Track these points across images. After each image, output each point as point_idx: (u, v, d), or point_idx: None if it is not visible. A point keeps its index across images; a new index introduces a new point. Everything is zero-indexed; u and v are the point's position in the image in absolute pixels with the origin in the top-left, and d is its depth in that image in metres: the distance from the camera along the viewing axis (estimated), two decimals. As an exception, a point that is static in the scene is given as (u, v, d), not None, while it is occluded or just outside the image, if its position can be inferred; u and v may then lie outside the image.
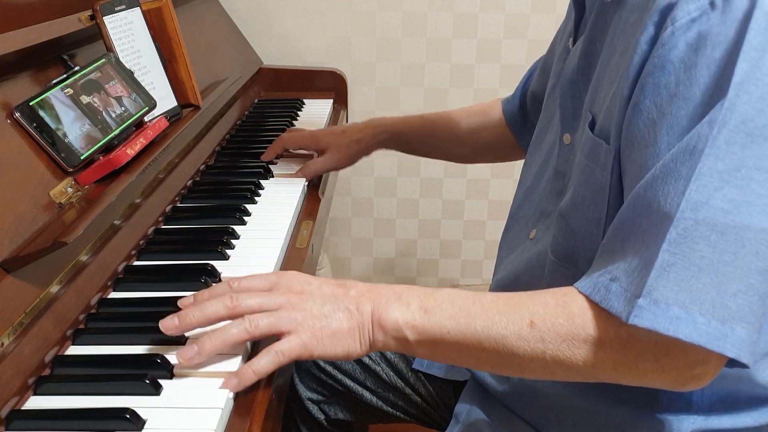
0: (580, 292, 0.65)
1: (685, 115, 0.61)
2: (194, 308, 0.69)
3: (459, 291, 0.70)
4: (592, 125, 0.73)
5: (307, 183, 1.16)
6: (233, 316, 0.69)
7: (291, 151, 1.27)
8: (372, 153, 1.24)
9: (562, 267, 0.77)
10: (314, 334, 0.68)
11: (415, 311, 0.69)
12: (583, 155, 0.74)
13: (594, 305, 0.64)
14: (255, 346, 0.73)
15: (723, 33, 0.60)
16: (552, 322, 0.64)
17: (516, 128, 1.17)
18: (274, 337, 0.69)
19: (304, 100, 1.65)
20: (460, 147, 1.23)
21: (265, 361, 0.67)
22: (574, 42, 0.83)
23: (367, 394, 1.06)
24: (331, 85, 1.74)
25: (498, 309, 0.67)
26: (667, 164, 0.61)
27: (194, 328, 0.70)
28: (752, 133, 0.59)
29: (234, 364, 0.69)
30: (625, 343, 0.63)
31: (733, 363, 0.60)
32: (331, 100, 1.68)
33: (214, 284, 0.73)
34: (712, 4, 0.60)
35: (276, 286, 0.72)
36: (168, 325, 0.69)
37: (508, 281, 0.89)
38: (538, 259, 0.84)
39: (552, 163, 0.87)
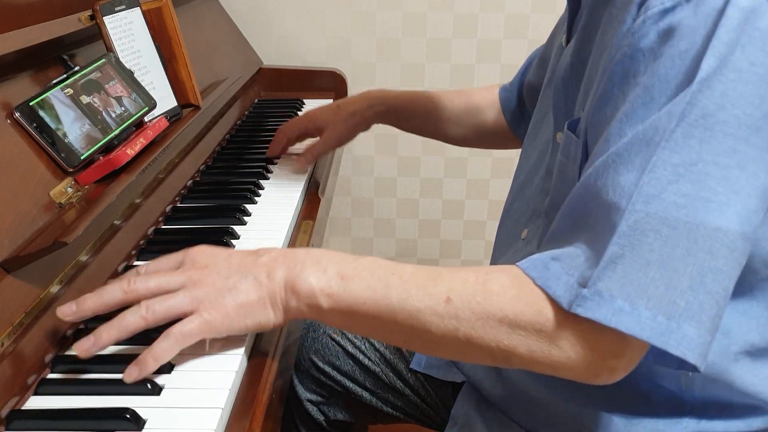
0: (504, 272, 0.63)
1: (641, 104, 0.60)
2: (93, 293, 0.66)
3: (381, 260, 0.67)
4: (574, 123, 0.72)
5: (306, 185, 1.15)
6: (131, 301, 0.66)
7: (294, 141, 1.26)
8: (371, 126, 1.22)
9: None
10: (218, 311, 0.65)
11: (332, 278, 0.65)
12: (562, 153, 0.74)
13: (515, 286, 0.62)
14: (258, 338, 0.74)
15: (693, 26, 0.59)
16: (469, 299, 0.62)
17: (511, 116, 1.18)
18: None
19: (304, 100, 1.65)
20: (456, 127, 1.22)
21: (165, 345, 0.64)
22: (568, 40, 0.83)
23: (366, 395, 1.06)
24: (331, 85, 1.74)
25: (416, 282, 0.64)
26: (621, 153, 0.59)
27: (92, 313, 0.67)
28: (712, 128, 0.57)
29: (235, 359, 0.68)
30: (540, 327, 0.60)
31: (682, 365, 0.58)
32: (331, 100, 1.68)
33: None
34: None
35: (181, 263, 0.69)
36: (65, 311, 0.66)
37: None
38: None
39: (545, 161, 0.87)
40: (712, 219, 0.57)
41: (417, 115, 1.21)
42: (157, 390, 0.65)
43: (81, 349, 0.65)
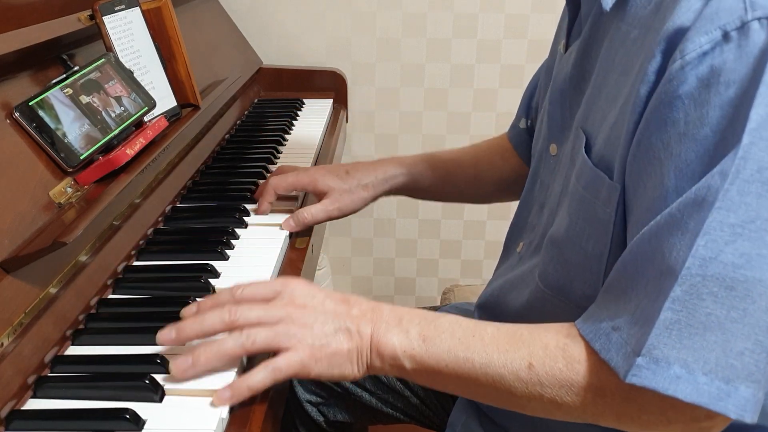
0: (581, 335, 0.63)
1: (695, 157, 0.57)
2: (193, 320, 0.68)
3: (461, 320, 0.68)
4: (588, 148, 0.69)
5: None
6: (231, 329, 0.67)
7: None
8: (379, 198, 1.08)
9: (554, 297, 0.75)
10: (313, 354, 0.66)
11: (414, 339, 0.66)
12: (581, 185, 0.70)
13: (594, 352, 0.61)
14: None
15: (737, 70, 0.55)
16: (551, 366, 0.62)
17: (525, 152, 1.07)
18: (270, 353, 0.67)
19: (304, 100, 1.65)
20: (482, 186, 1.10)
21: (261, 377, 0.65)
22: (566, 46, 0.80)
23: (366, 396, 1.05)
24: (331, 85, 1.74)
25: (497, 346, 0.64)
26: (674, 215, 0.57)
27: (191, 340, 0.68)
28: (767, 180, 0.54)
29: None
30: (627, 395, 0.60)
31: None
32: (331, 100, 1.68)
33: (217, 291, 0.70)
34: (725, 36, 0.55)
35: (279, 296, 0.70)
36: (165, 338, 0.67)
37: (492, 299, 0.88)
38: (520, 280, 0.82)
39: (540, 174, 0.86)
40: None
41: (436, 183, 1.08)
42: (157, 390, 0.65)
43: (178, 369, 0.66)
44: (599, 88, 0.70)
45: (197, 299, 0.73)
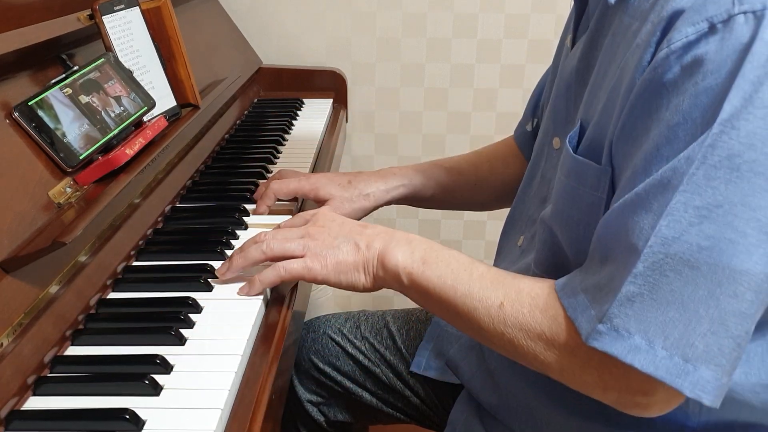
0: (555, 291, 0.67)
1: (665, 142, 0.59)
2: (238, 255, 0.81)
3: (462, 255, 0.74)
4: (577, 139, 0.71)
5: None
6: (269, 258, 0.79)
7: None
8: (379, 208, 1.08)
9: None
10: (319, 260, 0.77)
11: (416, 260, 0.74)
12: (563, 174, 0.71)
13: (558, 307, 0.65)
14: (257, 337, 0.75)
15: (718, 61, 0.56)
16: (517, 310, 0.67)
17: (530, 152, 1.05)
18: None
19: (304, 100, 1.65)
20: (483, 192, 1.11)
21: (270, 274, 0.78)
22: (574, 41, 0.81)
23: (366, 396, 1.05)
24: (331, 85, 1.74)
25: (481, 282, 0.70)
26: (639, 194, 0.59)
27: (241, 269, 0.82)
28: (739, 168, 0.55)
29: (235, 360, 0.69)
30: (572, 351, 0.64)
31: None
32: (331, 100, 1.68)
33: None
34: (711, 28, 0.56)
35: (308, 222, 0.82)
36: (222, 270, 0.82)
37: None
38: (523, 272, 0.82)
39: (540, 167, 0.86)
40: (739, 262, 0.56)
41: (438, 192, 1.09)
42: (156, 390, 0.65)
43: (219, 272, 0.82)
44: (601, 79, 0.70)
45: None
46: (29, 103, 0.80)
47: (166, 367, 0.68)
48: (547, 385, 0.78)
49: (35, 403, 0.64)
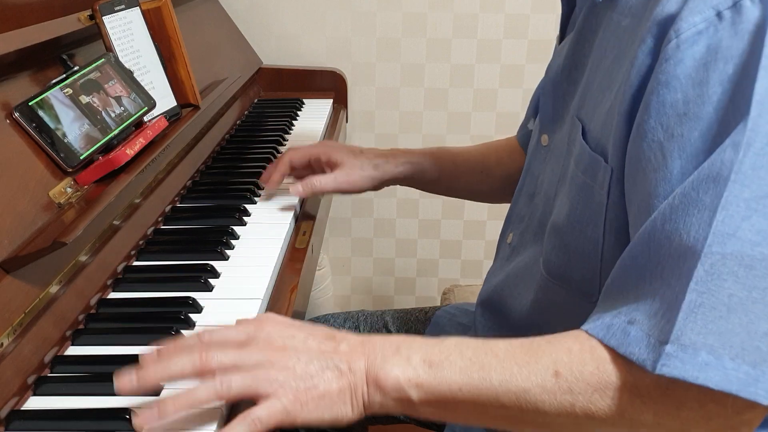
0: (591, 336, 0.59)
1: (698, 135, 0.56)
2: (157, 364, 0.60)
3: (466, 340, 0.62)
4: (584, 135, 0.69)
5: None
6: (202, 374, 0.59)
7: (298, 170, 1.08)
8: (383, 187, 1.08)
9: (558, 287, 0.75)
10: (297, 398, 0.59)
11: (419, 366, 0.60)
12: (580, 170, 0.70)
13: (609, 351, 0.57)
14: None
15: (735, 46, 0.55)
16: (580, 371, 0.57)
17: None
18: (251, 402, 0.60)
19: (304, 100, 1.65)
20: (489, 181, 1.10)
21: (240, 430, 0.58)
22: (561, 40, 0.81)
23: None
24: (331, 85, 1.74)
25: (516, 359, 0.59)
26: (688, 193, 0.55)
27: (154, 387, 0.62)
28: None
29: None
30: (664, 390, 0.56)
31: None
32: (331, 100, 1.68)
33: (182, 335, 0.63)
34: (719, 16, 0.55)
35: (254, 339, 0.62)
36: (123, 384, 0.59)
37: (493, 297, 0.88)
38: (518, 273, 0.82)
39: (531, 164, 0.86)
40: None
41: (444, 175, 1.08)
42: (157, 390, 0.65)
43: (144, 420, 0.58)
44: (593, 76, 0.70)
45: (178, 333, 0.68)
46: (30, 103, 0.80)
47: (166, 367, 0.68)
48: None
49: (35, 403, 0.65)
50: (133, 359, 0.69)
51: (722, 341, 0.53)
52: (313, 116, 1.56)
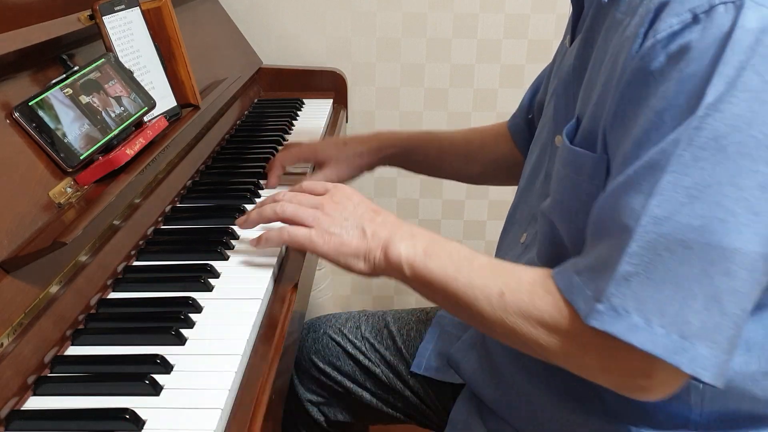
0: (550, 276, 0.68)
1: (651, 127, 0.61)
2: (255, 211, 0.88)
3: (463, 247, 0.75)
4: (574, 132, 0.72)
5: None
6: (281, 219, 0.84)
7: (289, 169, 1.17)
8: (375, 169, 1.16)
9: None
10: (323, 237, 0.79)
11: (419, 252, 0.75)
12: (560, 164, 0.73)
13: (557, 293, 0.66)
14: (258, 337, 0.76)
15: (700, 48, 0.58)
16: (517, 298, 0.67)
17: (523, 144, 1.11)
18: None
19: (304, 100, 1.65)
20: (471, 165, 1.17)
21: (274, 235, 0.83)
22: (572, 41, 0.82)
23: (366, 396, 1.05)
24: (331, 85, 1.74)
25: (481, 272, 0.71)
26: (630, 176, 0.61)
27: (256, 225, 0.89)
28: (725, 150, 0.57)
29: (235, 360, 0.69)
30: (573, 334, 0.64)
31: (698, 380, 0.59)
32: (331, 100, 1.68)
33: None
34: (695, 18, 0.59)
35: (328, 191, 0.85)
36: (239, 221, 0.90)
37: None
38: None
39: (544, 165, 0.87)
40: (730, 240, 0.57)
41: (429, 157, 1.16)
42: (156, 390, 0.65)
43: (238, 222, 0.90)
44: (595, 75, 0.72)
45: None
46: (30, 104, 0.80)
47: (166, 367, 0.68)
48: (550, 381, 0.79)
49: (35, 403, 0.65)
50: (133, 359, 0.70)
51: (655, 309, 0.59)
52: (313, 116, 1.56)
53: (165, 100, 1.08)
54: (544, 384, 0.80)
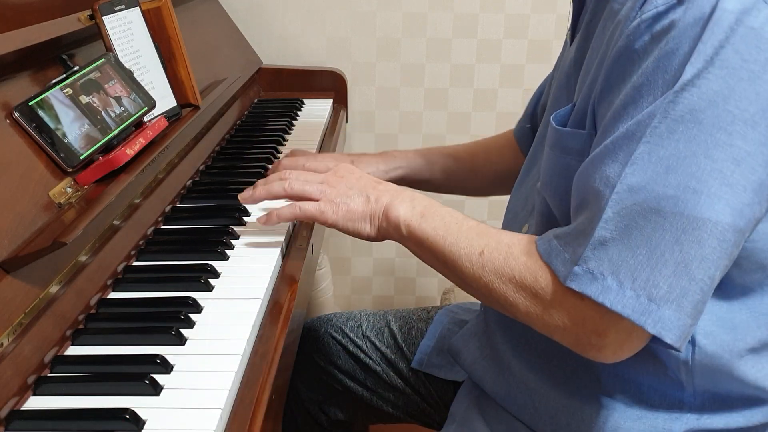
0: (532, 240, 0.72)
1: (630, 101, 0.63)
2: (262, 186, 0.91)
3: (458, 213, 0.80)
4: (567, 116, 0.75)
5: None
6: (288, 194, 0.88)
7: None
8: None
9: None
10: (332, 206, 0.85)
11: (416, 214, 0.81)
12: (549, 147, 0.76)
13: (531, 256, 0.70)
14: (258, 337, 0.75)
15: (681, 27, 0.61)
16: (494, 257, 0.72)
17: (527, 148, 1.09)
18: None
19: (304, 100, 1.65)
20: (477, 179, 1.18)
21: (286, 210, 0.87)
22: (572, 36, 0.84)
23: (367, 394, 1.06)
24: (331, 85, 1.74)
25: (468, 233, 0.76)
26: (608, 146, 0.64)
27: (262, 200, 0.92)
28: (701, 123, 0.60)
29: (235, 360, 0.69)
30: (536, 293, 0.68)
31: (662, 342, 0.62)
32: (331, 100, 1.68)
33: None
34: (679, 1, 0.62)
35: (330, 169, 0.90)
36: (245, 197, 0.92)
37: None
38: None
39: (540, 157, 0.87)
40: (702, 210, 0.60)
41: (436, 174, 1.16)
42: (156, 390, 0.65)
43: (242, 197, 0.92)
44: (591, 61, 0.73)
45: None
46: (30, 104, 0.80)
47: (166, 367, 0.68)
48: (548, 366, 0.80)
49: (35, 402, 0.65)
50: (133, 359, 0.70)
51: (627, 273, 0.62)
52: (313, 116, 1.56)
53: (165, 100, 1.08)
54: (542, 369, 0.81)
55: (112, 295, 0.82)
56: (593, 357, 0.67)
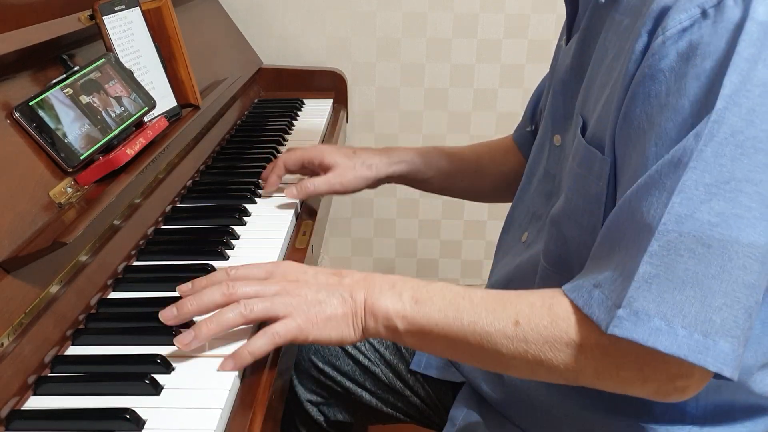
0: (565, 295, 0.65)
1: (673, 126, 0.60)
2: (192, 297, 0.71)
3: (451, 285, 0.71)
4: (583, 130, 0.72)
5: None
6: (229, 303, 0.70)
7: (294, 172, 1.13)
8: (379, 185, 1.10)
9: (556, 274, 0.77)
10: (309, 318, 0.70)
11: (407, 301, 0.69)
12: (575, 163, 0.72)
13: (578, 310, 0.64)
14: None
15: (714, 43, 0.59)
16: (536, 323, 0.64)
17: (528, 152, 1.07)
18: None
19: (304, 100, 1.65)
20: (482, 180, 1.13)
21: (261, 342, 0.68)
22: (568, 41, 0.82)
23: (366, 396, 1.05)
24: (331, 85, 1.74)
25: (486, 306, 0.67)
26: (652, 175, 0.60)
27: (192, 316, 0.71)
28: (742, 145, 0.58)
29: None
30: (605, 350, 0.62)
31: (719, 375, 0.59)
32: (331, 100, 1.68)
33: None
34: (704, 14, 0.59)
35: (272, 274, 0.74)
36: (167, 315, 0.71)
37: (500, 285, 0.89)
38: (529, 264, 0.83)
39: (542, 164, 0.87)
40: (745, 235, 0.58)
41: (439, 173, 1.11)
42: (157, 390, 0.65)
43: (182, 343, 0.69)
44: (595, 75, 0.72)
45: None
46: (30, 104, 0.80)
47: (166, 367, 0.68)
48: None
49: (36, 402, 0.65)
50: (133, 359, 0.70)
51: (675, 310, 0.58)
52: (313, 116, 1.56)
53: (165, 100, 1.08)
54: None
55: (113, 295, 0.82)
56: (677, 399, 0.62)
